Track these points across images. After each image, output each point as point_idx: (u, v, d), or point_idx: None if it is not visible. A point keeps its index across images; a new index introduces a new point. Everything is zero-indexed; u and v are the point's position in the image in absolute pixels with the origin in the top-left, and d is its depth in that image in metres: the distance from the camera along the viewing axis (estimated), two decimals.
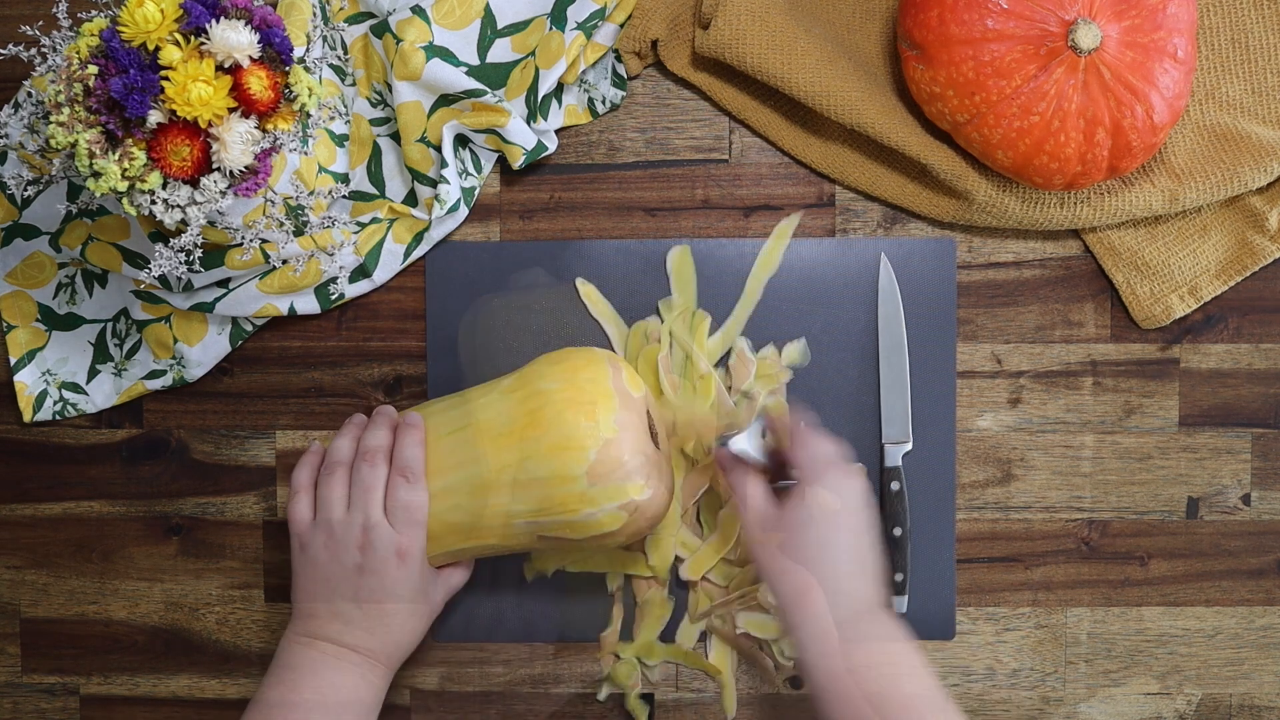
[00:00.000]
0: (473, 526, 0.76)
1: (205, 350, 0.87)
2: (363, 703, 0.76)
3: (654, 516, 0.76)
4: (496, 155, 0.87)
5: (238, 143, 0.68)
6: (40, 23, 0.81)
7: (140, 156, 0.67)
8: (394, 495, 0.76)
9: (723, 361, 0.86)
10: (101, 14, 0.70)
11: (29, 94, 0.85)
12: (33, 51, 0.70)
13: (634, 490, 0.74)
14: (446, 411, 0.79)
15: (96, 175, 0.68)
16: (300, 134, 0.72)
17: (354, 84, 0.86)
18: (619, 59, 0.86)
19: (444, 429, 0.78)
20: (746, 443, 0.79)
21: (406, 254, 0.86)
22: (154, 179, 0.68)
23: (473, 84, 0.82)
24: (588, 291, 0.86)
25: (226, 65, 0.68)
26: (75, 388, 0.88)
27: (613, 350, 0.86)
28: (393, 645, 0.77)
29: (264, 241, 0.78)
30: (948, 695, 0.69)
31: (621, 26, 0.85)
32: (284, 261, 0.83)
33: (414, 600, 0.77)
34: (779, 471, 0.79)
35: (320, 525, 0.77)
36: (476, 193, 0.87)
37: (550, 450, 0.74)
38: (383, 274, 0.86)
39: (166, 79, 0.67)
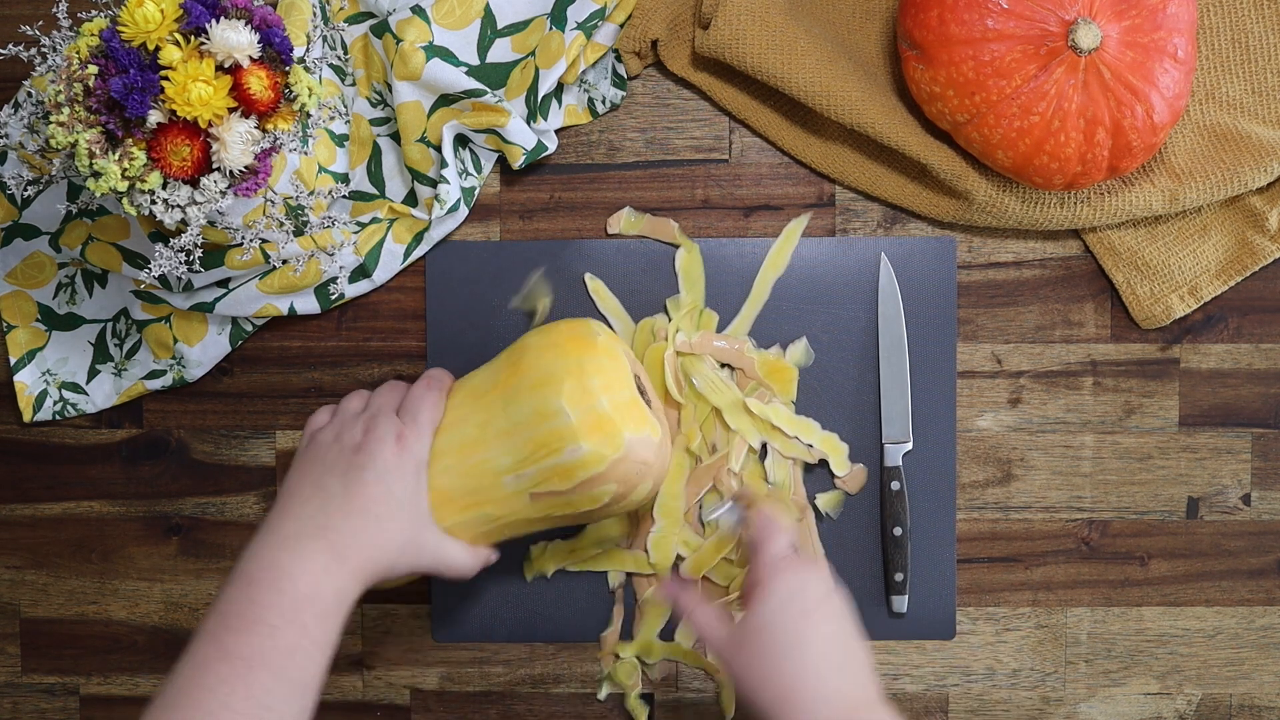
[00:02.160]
0: (466, 491, 0.74)
1: (205, 350, 0.87)
2: (320, 598, 0.68)
3: (646, 462, 0.74)
4: (496, 155, 0.87)
5: (238, 143, 0.68)
6: (40, 23, 0.81)
7: (140, 156, 0.67)
8: (411, 393, 0.75)
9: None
10: (101, 14, 0.70)
11: (29, 94, 0.85)
12: (33, 51, 0.70)
13: (619, 422, 0.72)
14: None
15: (96, 175, 0.68)
16: (300, 134, 0.72)
17: (354, 84, 0.86)
18: (619, 59, 0.86)
19: None
20: (724, 522, 0.83)
21: (406, 254, 0.86)
22: (154, 179, 0.68)
23: (473, 84, 0.82)
24: (596, 287, 0.86)
25: (226, 65, 0.68)
26: (75, 388, 0.88)
27: None
28: (366, 541, 0.71)
29: (264, 241, 0.78)
30: None
31: (621, 26, 0.85)
32: (284, 261, 0.83)
33: (402, 502, 0.72)
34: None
35: (332, 425, 0.75)
36: (476, 193, 0.87)
37: (529, 390, 0.73)
38: (383, 274, 0.86)
39: (166, 79, 0.67)
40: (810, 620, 0.70)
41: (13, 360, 0.88)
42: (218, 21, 0.68)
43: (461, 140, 0.86)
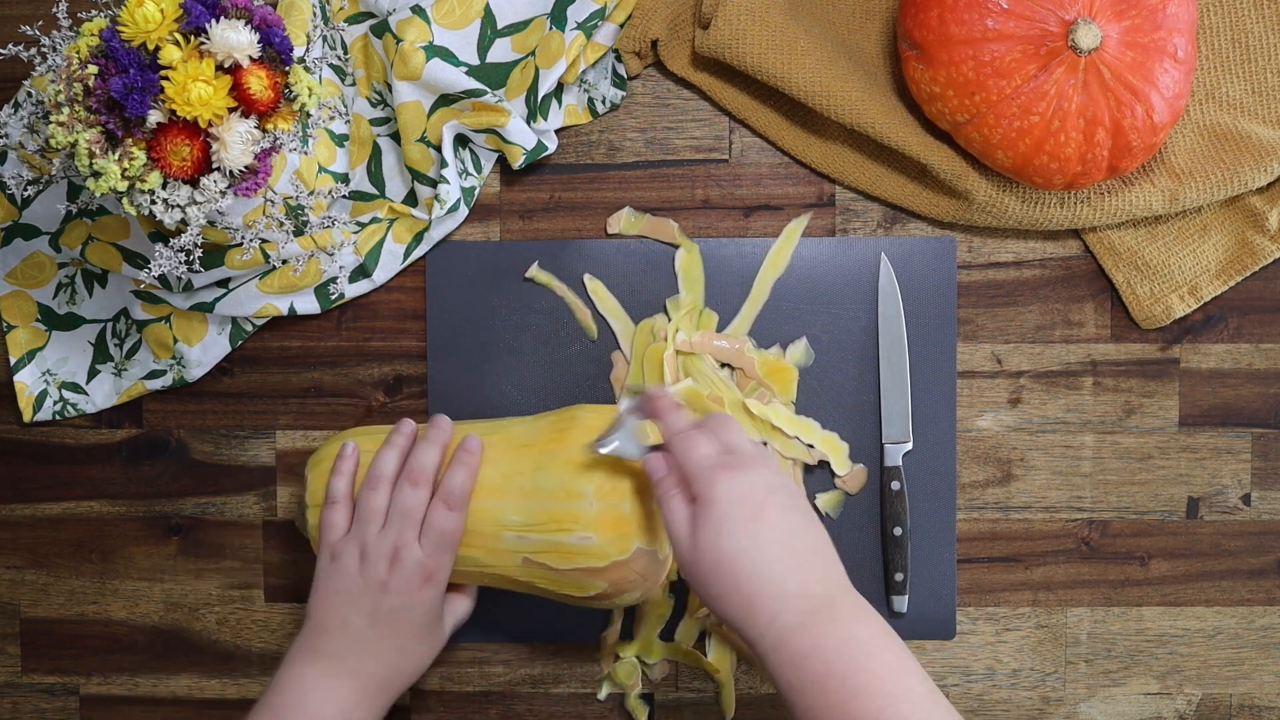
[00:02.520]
0: (466, 529, 0.76)
1: (205, 350, 0.87)
2: None
3: (643, 575, 0.75)
4: (496, 155, 0.87)
5: (238, 143, 0.68)
6: (40, 23, 0.81)
7: (140, 156, 0.67)
8: (431, 518, 0.75)
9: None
10: (101, 14, 0.70)
11: (29, 94, 0.85)
12: (33, 51, 0.70)
13: (635, 529, 0.74)
14: (482, 425, 0.80)
15: (96, 175, 0.68)
16: (300, 134, 0.72)
17: (354, 84, 0.86)
18: (619, 59, 0.86)
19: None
20: (624, 442, 0.72)
21: (406, 254, 0.86)
22: (154, 179, 0.68)
23: (473, 84, 0.82)
24: (595, 288, 0.86)
25: (226, 65, 0.68)
26: (75, 388, 0.88)
27: (619, 348, 0.86)
28: (396, 673, 0.76)
29: (264, 241, 0.78)
30: (933, 687, 0.63)
31: (621, 26, 0.85)
32: (284, 261, 0.83)
33: (429, 628, 0.76)
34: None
35: (354, 538, 0.76)
36: (476, 193, 0.87)
37: (565, 464, 0.74)
38: (383, 274, 0.86)
39: (166, 79, 0.67)
40: (759, 523, 0.65)
41: (13, 360, 0.88)
42: (218, 21, 0.68)
43: (461, 140, 0.86)
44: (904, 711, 0.60)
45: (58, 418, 0.89)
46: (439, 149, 0.84)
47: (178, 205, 0.69)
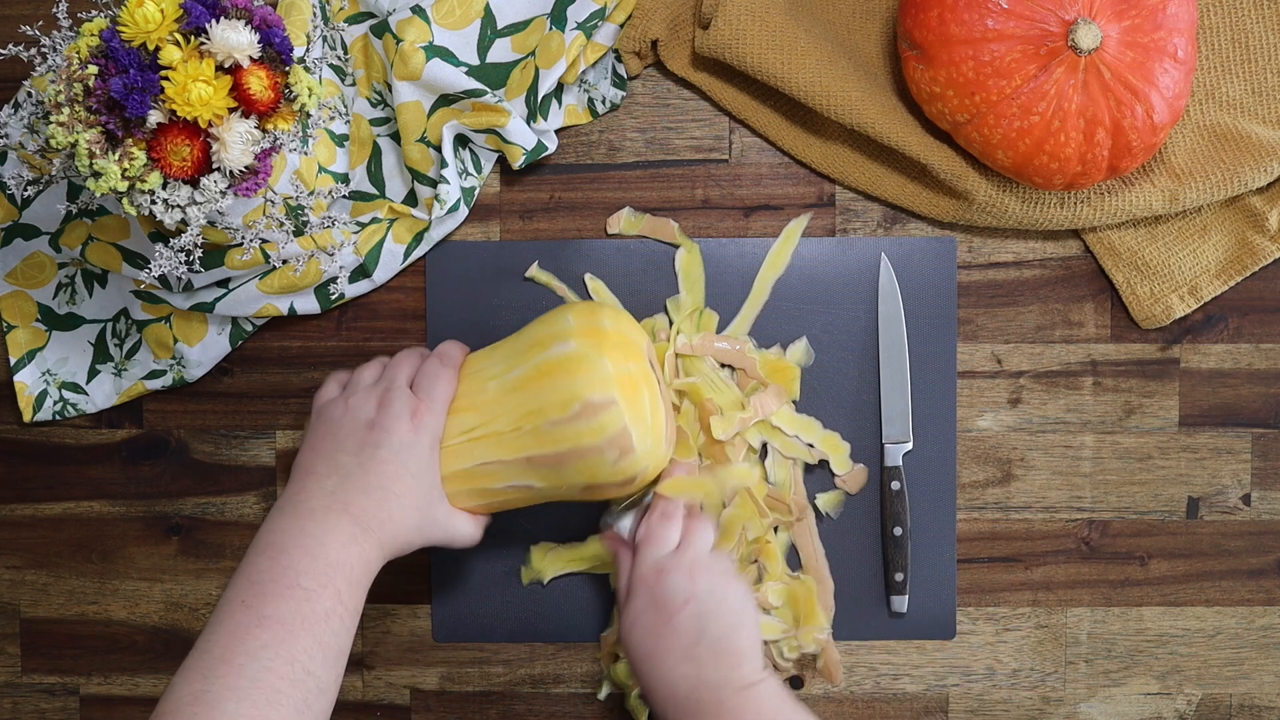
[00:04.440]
0: (471, 463, 0.75)
1: (205, 350, 0.87)
2: (349, 564, 0.69)
3: (648, 430, 0.74)
4: (496, 155, 0.87)
5: (238, 143, 0.68)
6: (40, 23, 0.81)
7: (140, 156, 0.67)
8: (423, 369, 0.76)
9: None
10: (101, 14, 0.70)
11: (29, 94, 0.85)
12: (33, 51, 0.70)
13: (608, 351, 0.74)
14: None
15: (96, 175, 0.68)
16: (300, 134, 0.72)
17: (354, 84, 0.86)
18: (619, 59, 0.86)
19: None
20: (629, 521, 0.80)
21: (406, 254, 0.86)
22: (154, 179, 0.68)
23: (473, 84, 0.82)
24: (595, 287, 0.86)
25: (226, 65, 0.68)
26: (75, 388, 0.88)
27: None
28: (385, 517, 0.72)
29: (264, 241, 0.78)
30: None
31: (621, 26, 0.85)
32: (284, 261, 0.83)
33: (416, 478, 0.73)
34: None
35: (344, 395, 0.76)
36: (476, 193, 0.87)
37: (538, 336, 0.76)
38: (383, 274, 0.86)
39: (166, 79, 0.67)
40: (664, 629, 0.73)
41: (13, 360, 0.88)
42: (218, 21, 0.68)
43: (461, 140, 0.86)
44: None
45: (58, 418, 0.89)
46: (439, 149, 0.84)
47: (178, 205, 0.69)
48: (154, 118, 0.67)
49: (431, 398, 0.75)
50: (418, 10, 0.82)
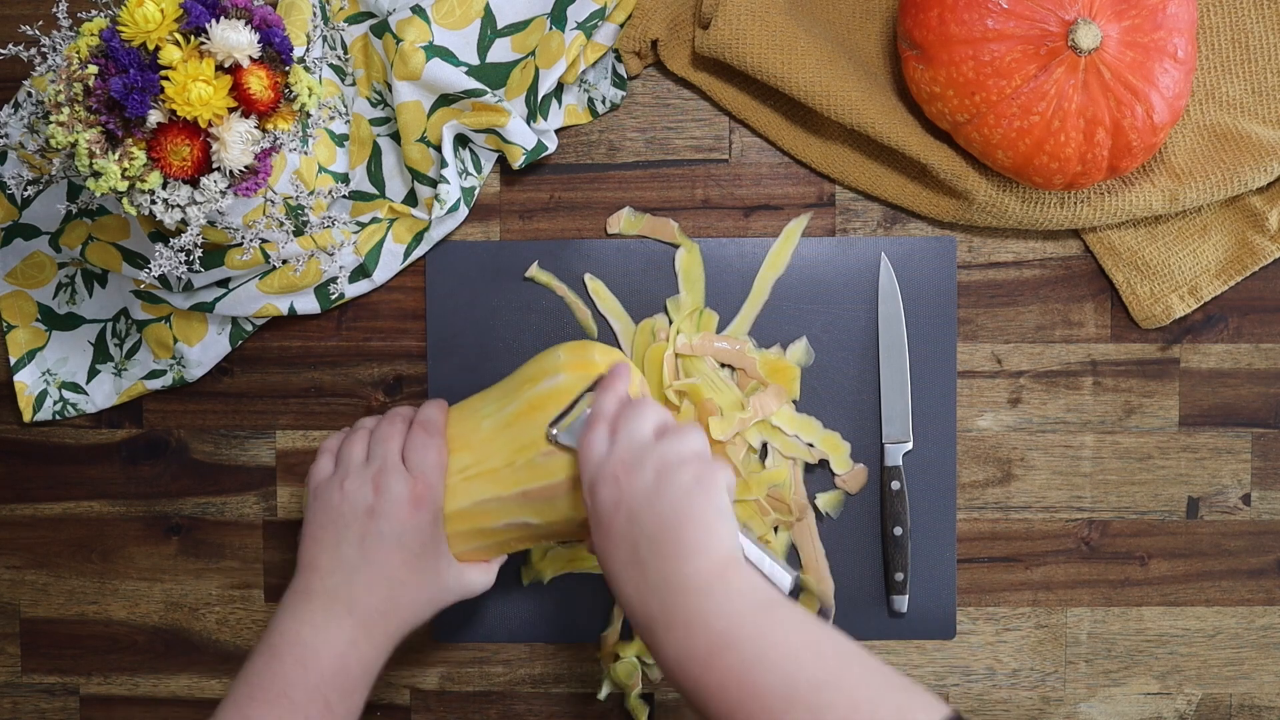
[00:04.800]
0: (469, 511, 0.75)
1: (205, 350, 0.87)
2: (344, 673, 0.70)
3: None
4: (496, 155, 0.87)
5: (238, 143, 0.68)
6: (40, 23, 0.81)
7: (140, 156, 0.67)
8: (411, 442, 0.74)
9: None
10: (101, 14, 0.70)
11: (29, 94, 0.85)
12: (33, 51, 0.70)
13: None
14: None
15: (96, 175, 0.68)
16: (300, 134, 0.72)
17: (354, 84, 0.86)
18: (619, 59, 0.86)
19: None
20: (572, 432, 0.73)
21: (406, 254, 0.86)
22: (154, 179, 0.68)
23: (473, 84, 0.82)
24: (595, 288, 0.86)
25: (226, 65, 0.68)
26: (75, 388, 0.88)
27: (619, 348, 0.86)
28: (392, 606, 0.72)
29: (264, 241, 0.78)
30: (787, 627, 0.61)
31: (621, 26, 0.85)
32: (284, 261, 0.83)
33: (422, 558, 0.72)
34: None
35: (338, 476, 0.74)
36: (476, 193, 0.87)
37: (530, 373, 0.76)
38: (383, 274, 0.86)
39: (166, 79, 0.67)
40: (606, 538, 0.66)
41: (13, 360, 0.88)
42: (218, 21, 0.68)
43: (461, 140, 0.86)
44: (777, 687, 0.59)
45: (58, 418, 0.89)
46: (439, 149, 0.84)
47: (178, 205, 0.69)
48: (154, 118, 0.67)
49: (425, 472, 0.73)
50: (418, 10, 0.82)
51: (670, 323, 0.86)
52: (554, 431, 0.73)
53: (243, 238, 0.74)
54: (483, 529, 0.75)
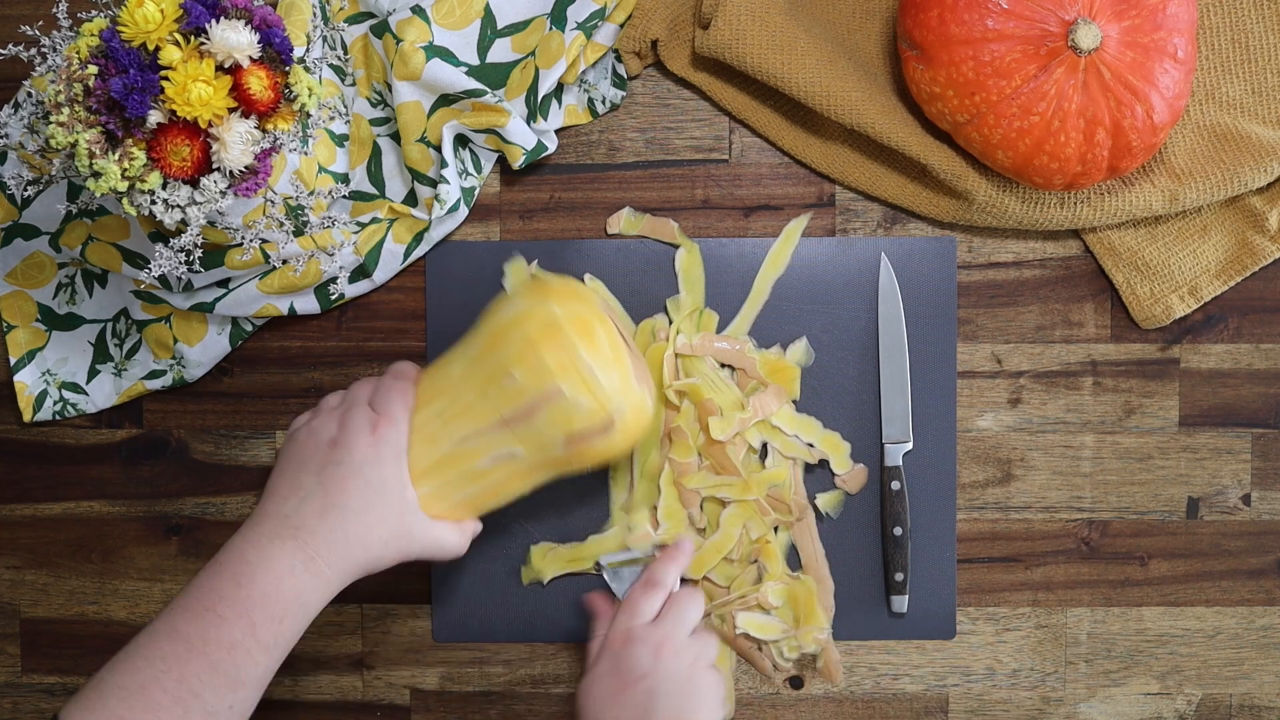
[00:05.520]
0: (441, 456, 0.74)
1: (205, 350, 0.87)
2: (276, 598, 0.69)
3: (610, 365, 0.73)
4: (496, 155, 0.87)
5: (238, 143, 0.68)
6: (40, 23, 0.81)
7: (140, 156, 0.67)
8: (379, 386, 0.76)
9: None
10: (101, 14, 0.70)
11: (29, 94, 0.85)
12: (33, 51, 0.70)
13: (591, 317, 0.74)
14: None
15: (96, 175, 0.68)
16: (300, 134, 0.72)
17: (354, 84, 0.86)
18: (619, 59, 0.86)
19: None
20: (624, 581, 0.84)
21: (406, 254, 0.86)
22: (154, 179, 0.68)
23: (473, 84, 0.82)
24: (595, 287, 0.86)
25: (226, 65, 0.68)
26: (75, 388, 0.88)
27: None
28: (341, 537, 0.71)
29: (264, 241, 0.78)
30: None
31: (621, 26, 0.85)
32: (284, 261, 0.83)
33: (381, 492, 0.72)
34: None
35: (311, 414, 0.77)
36: (476, 193, 0.87)
37: (490, 313, 0.76)
38: (383, 274, 0.86)
39: (166, 79, 0.67)
40: (619, 697, 0.75)
41: (13, 360, 0.88)
42: (218, 21, 0.68)
43: (461, 140, 0.86)
44: None
45: (58, 418, 0.89)
46: (439, 149, 0.84)
47: (178, 205, 0.69)
48: (154, 118, 0.67)
49: (389, 410, 0.74)
50: (418, 10, 0.82)
51: (670, 323, 0.86)
52: (604, 562, 0.84)
53: (243, 238, 0.74)
54: (469, 470, 0.75)
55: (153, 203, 0.69)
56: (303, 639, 0.73)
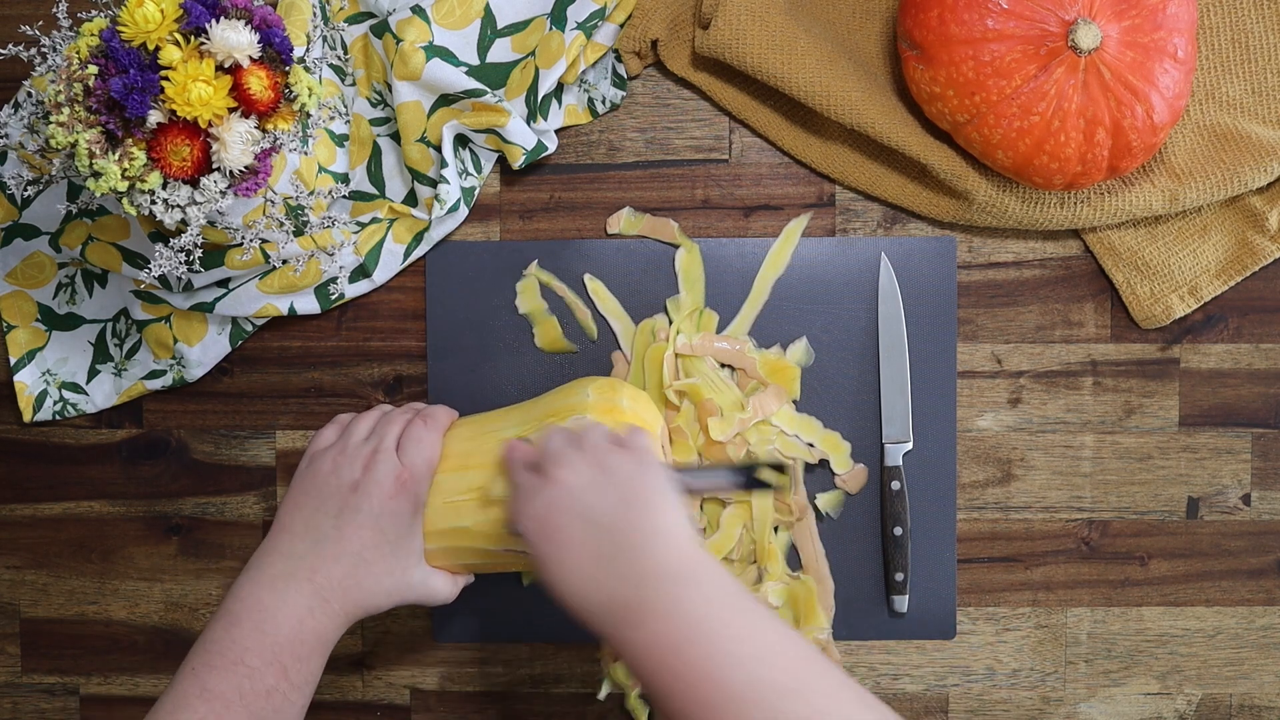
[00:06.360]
0: (453, 527, 0.74)
1: (205, 350, 0.87)
2: (300, 640, 0.70)
3: None
4: (496, 155, 0.87)
5: (238, 143, 0.68)
6: (40, 23, 0.81)
7: (140, 156, 0.67)
8: (409, 433, 0.74)
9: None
10: (101, 14, 0.70)
11: (29, 94, 0.85)
12: (33, 51, 0.70)
13: (632, 417, 0.73)
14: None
15: (96, 175, 0.68)
16: (300, 134, 0.72)
17: (354, 84, 0.86)
18: (619, 59, 0.86)
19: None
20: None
21: (406, 254, 0.86)
22: (154, 179, 0.68)
23: (473, 84, 0.82)
24: (595, 288, 0.86)
25: (226, 65, 0.68)
26: (75, 388, 0.88)
27: (619, 349, 0.86)
28: (354, 583, 0.72)
29: (264, 241, 0.78)
30: (763, 625, 0.61)
31: (621, 26, 0.85)
32: (284, 261, 0.83)
33: (395, 546, 0.73)
34: None
35: (335, 448, 0.75)
36: (476, 193, 0.87)
37: (556, 406, 0.75)
38: (383, 274, 0.86)
39: (166, 79, 0.67)
40: (557, 540, 0.66)
41: (13, 360, 0.88)
42: (218, 21, 0.68)
43: (461, 140, 0.86)
44: (761, 676, 0.59)
45: (58, 418, 0.89)
46: (439, 149, 0.84)
47: (178, 205, 0.69)
48: (154, 118, 0.67)
49: (415, 464, 0.74)
50: (418, 10, 0.82)
51: (670, 323, 0.86)
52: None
53: (243, 238, 0.74)
54: (481, 549, 0.75)
55: (153, 203, 0.69)
56: None
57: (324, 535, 0.72)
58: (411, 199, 0.86)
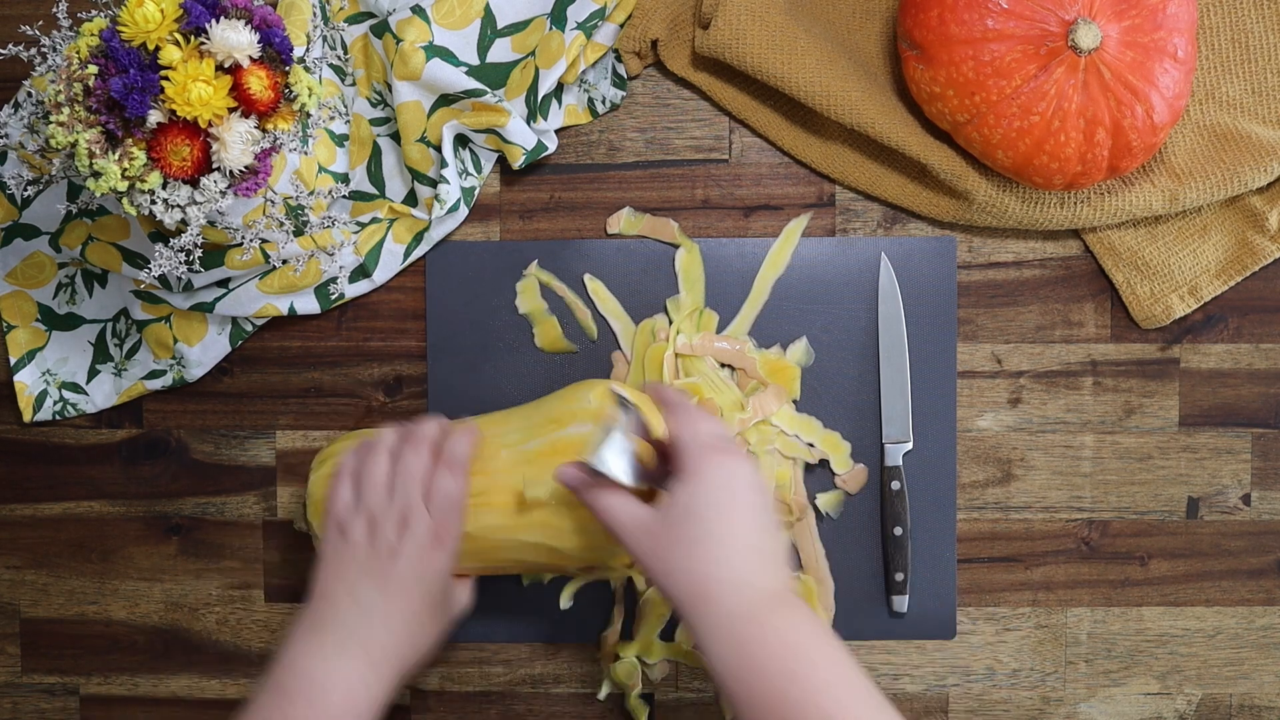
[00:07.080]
0: (476, 542, 0.75)
1: (205, 350, 0.87)
2: (358, 712, 0.70)
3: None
4: (496, 155, 0.87)
5: (238, 143, 0.68)
6: (40, 23, 0.81)
7: (140, 156, 0.67)
8: (436, 483, 0.74)
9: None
10: (101, 14, 0.70)
11: (29, 94, 0.85)
12: (33, 51, 0.70)
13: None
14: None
15: (96, 175, 0.68)
16: (300, 134, 0.72)
17: (354, 84, 0.86)
18: (619, 59, 0.86)
19: None
20: (611, 458, 0.69)
21: (406, 254, 0.86)
22: (154, 179, 0.68)
23: (473, 84, 0.82)
24: (595, 288, 0.86)
25: (226, 65, 0.68)
26: (75, 388, 0.88)
27: (619, 349, 0.87)
28: (406, 645, 0.73)
29: (264, 241, 0.78)
30: (869, 682, 0.65)
31: (621, 26, 0.85)
32: (284, 261, 0.83)
33: (440, 600, 0.74)
34: (654, 479, 0.70)
35: (362, 510, 0.74)
36: (476, 193, 0.87)
37: (557, 412, 0.75)
38: (383, 274, 0.86)
39: (166, 79, 0.67)
40: (737, 509, 0.66)
41: (13, 360, 0.88)
42: (218, 21, 0.68)
43: (461, 140, 0.86)
44: (840, 697, 0.63)
45: (58, 418, 0.89)
46: (439, 149, 0.84)
47: (178, 205, 0.69)
48: (154, 118, 0.67)
49: (447, 517, 0.73)
50: (418, 10, 0.82)
51: (670, 323, 0.86)
52: (591, 462, 0.68)
53: (243, 238, 0.74)
54: (483, 552, 0.76)
55: (153, 203, 0.69)
56: None
57: (371, 606, 0.72)
58: (411, 199, 0.86)
